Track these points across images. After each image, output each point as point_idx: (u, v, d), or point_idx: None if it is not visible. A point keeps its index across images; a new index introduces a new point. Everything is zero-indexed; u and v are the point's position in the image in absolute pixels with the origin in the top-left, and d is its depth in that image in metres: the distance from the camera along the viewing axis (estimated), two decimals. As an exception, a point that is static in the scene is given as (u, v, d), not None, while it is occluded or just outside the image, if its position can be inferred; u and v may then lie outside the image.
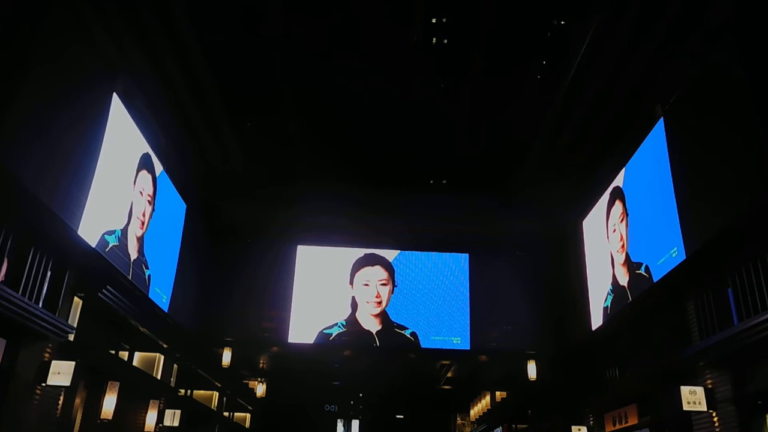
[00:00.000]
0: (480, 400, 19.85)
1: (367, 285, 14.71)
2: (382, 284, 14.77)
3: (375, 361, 15.91)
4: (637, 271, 10.09)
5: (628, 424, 10.86)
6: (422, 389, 20.82)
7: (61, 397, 8.34)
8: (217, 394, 17.13)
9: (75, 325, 8.78)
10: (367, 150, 12.99)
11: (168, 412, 12.85)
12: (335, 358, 15.55)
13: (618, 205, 11.16)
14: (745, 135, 7.18)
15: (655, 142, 9.52)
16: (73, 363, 7.97)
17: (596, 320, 12.09)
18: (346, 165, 13.49)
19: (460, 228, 15.00)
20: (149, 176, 10.74)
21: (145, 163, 10.42)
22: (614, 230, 11.26)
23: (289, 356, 15.71)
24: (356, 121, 12.01)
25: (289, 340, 14.31)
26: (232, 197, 14.25)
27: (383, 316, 14.49)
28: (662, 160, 9.24)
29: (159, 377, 12.56)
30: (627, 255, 10.65)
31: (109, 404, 9.57)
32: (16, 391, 7.43)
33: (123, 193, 9.68)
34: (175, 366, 13.48)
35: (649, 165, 9.84)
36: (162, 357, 12.72)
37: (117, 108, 9.12)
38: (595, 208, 12.44)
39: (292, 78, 10.74)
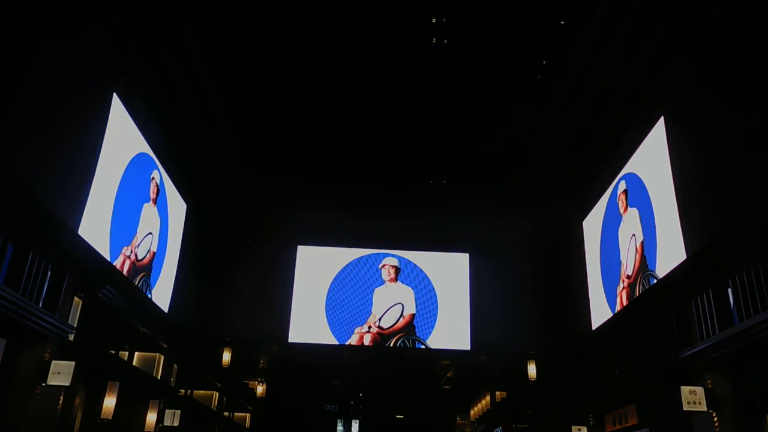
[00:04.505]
0: (480, 400, 19.84)
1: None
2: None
3: (375, 361, 15.91)
4: (640, 272, 10.10)
5: (628, 424, 10.86)
6: (422, 389, 20.82)
7: (61, 397, 8.34)
8: (217, 394, 17.13)
9: (75, 325, 8.78)
10: (367, 150, 12.98)
11: (168, 412, 12.85)
12: (335, 358, 15.54)
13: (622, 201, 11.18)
14: (746, 135, 7.18)
15: (655, 142, 9.52)
16: (73, 363, 7.96)
17: (596, 320, 12.09)
18: (346, 165, 13.48)
19: (460, 228, 15.00)
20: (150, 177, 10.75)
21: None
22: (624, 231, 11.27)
23: (289, 356, 15.71)
24: (356, 121, 12.01)
25: (289, 340, 14.32)
26: (232, 197, 14.26)
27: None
28: (662, 159, 9.24)
29: (159, 377, 12.56)
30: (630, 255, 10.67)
31: (109, 404, 9.56)
32: (16, 391, 7.43)
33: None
34: (175, 366, 13.48)
35: (649, 165, 9.84)
36: (162, 357, 12.72)
37: (117, 108, 9.12)
38: (595, 208, 12.45)
39: (292, 78, 10.74)
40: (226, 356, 14.19)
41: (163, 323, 12.07)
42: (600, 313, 11.90)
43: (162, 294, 11.79)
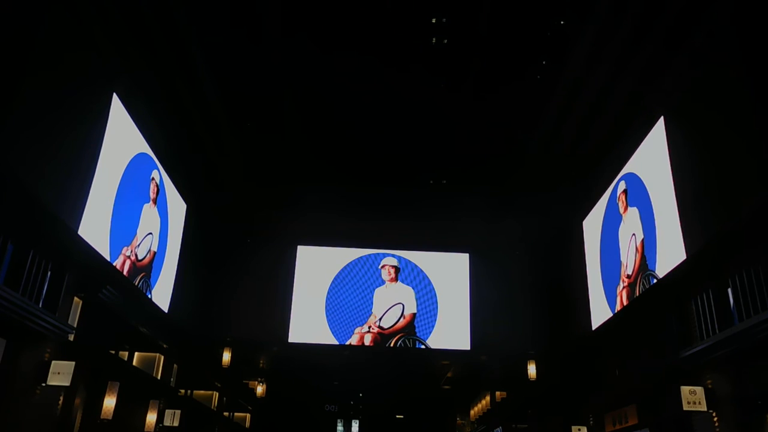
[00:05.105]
0: (480, 400, 19.84)
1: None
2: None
3: (375, 361, 15.90)
4: (639, 272, 10.10)
5: (628, 424, 10.86)
6: (422, 389, 20.82)
7: (61, 397, 8.34)
8: (217, 394, 17.13)
9: (75, 325, 8.78)
10: (367, 150, 12.98)
11: (168, 412, 12.84)
12: (335, 358, 15.54)
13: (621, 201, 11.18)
14: (745, 135, 7.18)
15: (655, 142, 9.52)
16: (73, 363, 7.96)
17: (597, 320, 12.09)
18: (346, 165, 13.48)
19: (460, 228, 15.00)
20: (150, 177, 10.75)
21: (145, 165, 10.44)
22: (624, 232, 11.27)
23: (289, 356, 15.70)
24: (356, 121, 12.01)
25: (289, 340, 14.32)
26: (231, 197, 14.25)
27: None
28: (662, 159, 9.24)
29: (159, 377, 12.56)
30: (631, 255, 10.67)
31: (109, 404, 9.56)
32: (16, 391, 7.43)
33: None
34: (175, 366, 13.48)
35: (649, 165, 9.84)
36: (162, 357, 12.72)
37: (117, 108, 9.12)
38: (595, 208, 12.44)
39: (292, 78, 10.74)
40: (226, 356, 14.19)
41: (163, 323, 12.07)
42: (600, 313, 11.90)
43: (162, 294, 11.79)
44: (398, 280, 14.82)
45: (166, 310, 11.93)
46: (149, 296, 11.07)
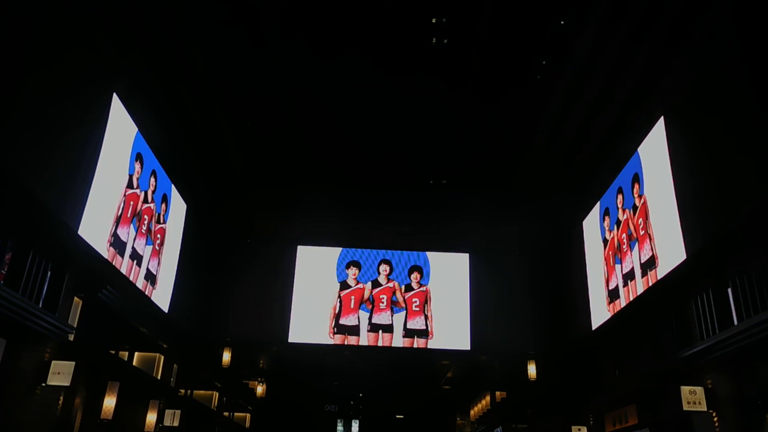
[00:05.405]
0: (480, 400, 19.85)
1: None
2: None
3: (375, 361, 15.91)
4: (639, 271, 10.10)
5: (628, 424, 10.87)
6: (422, 389, 20.83)
7: (61, 397, 8.34)
8: (217, 394, 17.13)
9: (75, 325, 8.79)
10: (367, 150, 12.98)
11: (168, 412, 12.86)
12: (335, 358, 15.55)
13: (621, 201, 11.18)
14: (745, 135, 7.19)
15: (655, 142, 9.52)
16: (73, 363, 7.97)
17: (596, 320, 12.09)
18: (346, 165, 13.49)
19: (460, 228, 15.00)
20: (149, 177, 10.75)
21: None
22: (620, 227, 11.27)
23: (289, 356, 15.71)
24: (356, 121, 12.01)
25: (289, 340, 14.32)
26: (232, 197, 14.26)
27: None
28: (662, 159, 9.24)
29: (159, 377, 12.57)
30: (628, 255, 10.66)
31: (109, 404, 9.57)
32: (16, 391, 7.44)
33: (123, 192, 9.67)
34: (175, 366, 13.49)
35: (649, 165, 9.84)
36: (162, 357, 12.73)
37: (117, 108, 9.12)
38: (595, 208, 12.44)
39: (292, 78, 10.74)
40: (226, 356, 14.20)
41: (163, 323, 12.08)
42: (600, 313, 11.90)
43: (162, 294, 11.79)
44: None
45: (166, 310, 11.93)
46: (149, 296, 11.06)
